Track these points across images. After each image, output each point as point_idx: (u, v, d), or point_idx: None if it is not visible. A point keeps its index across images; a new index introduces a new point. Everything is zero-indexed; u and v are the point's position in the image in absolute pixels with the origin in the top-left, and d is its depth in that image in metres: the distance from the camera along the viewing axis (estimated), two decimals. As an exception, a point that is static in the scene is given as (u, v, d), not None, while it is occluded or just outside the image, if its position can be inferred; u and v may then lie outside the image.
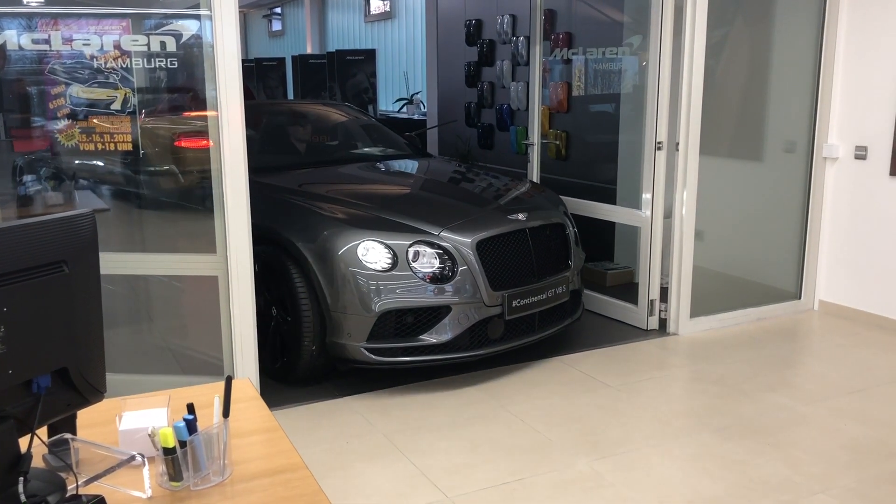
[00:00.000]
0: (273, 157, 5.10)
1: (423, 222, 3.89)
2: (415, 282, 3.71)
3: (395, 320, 3.71)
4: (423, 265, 3.75)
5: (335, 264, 3.70)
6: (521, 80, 7.61)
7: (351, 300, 3.67)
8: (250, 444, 1.70)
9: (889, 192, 4.74)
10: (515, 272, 3.97)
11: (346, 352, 3.74)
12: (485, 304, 3.80)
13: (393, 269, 3.70)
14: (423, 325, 3.75)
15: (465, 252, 3.80)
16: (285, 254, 3.85)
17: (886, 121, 4.70)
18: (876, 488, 2.98)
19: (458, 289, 3.75)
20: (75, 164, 3.57)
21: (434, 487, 3.01)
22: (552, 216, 4.27)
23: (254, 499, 1.48)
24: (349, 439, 3.42)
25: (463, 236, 3.85)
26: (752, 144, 5.06)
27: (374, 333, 3.69)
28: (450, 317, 3.74)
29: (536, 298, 4.00)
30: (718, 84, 4.77)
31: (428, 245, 3.79)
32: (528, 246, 4.05)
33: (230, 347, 3.50)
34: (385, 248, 3.73)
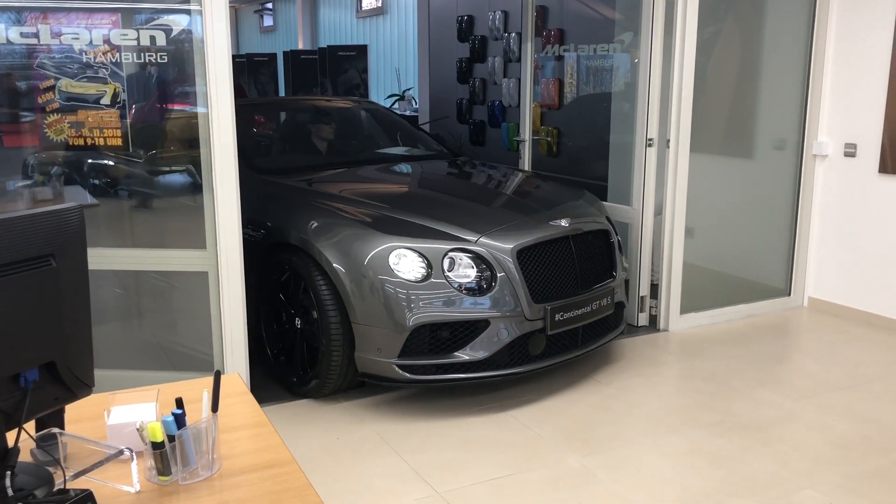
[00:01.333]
0: (295, 157, 4.90)
1: (458, 228, 3.61)
2: (450, 293, 3.42)
3: (430, 335, 3.43)
4: (459, 275, 3.47)
5: (364, 273, 3.44)
6: (512, 77, 7.62)
7: (381, 313, 3.40)
8: (239, 438, 1.69)
9: (878, 190, 4.76)
10: (558, 283, 3.67)
11: (375, 368, 3.48)
12: (526, 318, 3.50)
13: (427, 280, 3.41)
14: (458, 341, 3.47)
15: (505, 261, 3.51)
16: (311, 262, 3.59)
17: (875, 119, 4.72)
18: (862, 484, 3.00)
19: (496, 301, 3.46)
20: (63, 158, 3.55)
21: (425, 483, 3.02)
22: (596, 222, 3.98)
23: (242, 493, 1.48)
24: (339, 435, 3.42)
25: (502, 243, 3.55)
26: (743, 142, 5.08)
27: (407, 349, 3.41)
28: (488, 332, 3.45)
29: (580, 311, 3.69)
30: (709, 81, 4.78)
31: (464, 253, 3.51)
32: (572, 254, 3.75)
33: (220, 343, 3.49)
34: (418, 257, 3.46)
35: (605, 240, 4.00)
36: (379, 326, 3.41)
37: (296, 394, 3.76)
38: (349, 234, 3.54)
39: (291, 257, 3.69)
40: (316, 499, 1.45)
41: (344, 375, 3.59)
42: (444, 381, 3.47)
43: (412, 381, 3.46)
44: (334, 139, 5.16)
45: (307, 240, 3.59)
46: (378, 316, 3.41)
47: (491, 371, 3.50)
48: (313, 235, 3.58)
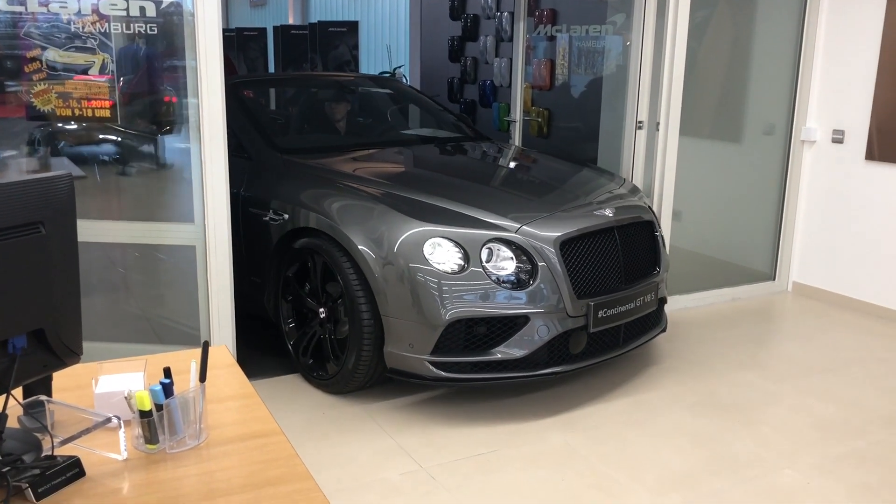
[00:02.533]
0: (318, 136, 4.65)
1: (496, 216, 3.37)
2: (488, 286, 3.19)
3: (465, 331, 3.22)
4: (497, 267, 3.25)
5: (396, 263, 3.22)
6: (504, 57, 7.59)
7: (413, 305, 3.18)
8: (226, 409, 1.71)
9: (864, 176, 4.80)
10: (602, 277, 3.45)
11: (406, 364, 3.26)
12: (568, 315, 3.28)
13: (464, 271, 3.19)
14: (496, 338, 3.25)
15: (547, 252, 3.28)
16: (339, 249, 3.38)
17: (864, 105, 4.75)
18: (839, 465, 3.05)
19: (537, 296, 3.23)
20: (50, 129, 3.52)
21: (409, 458, 3.04)
22: (640, 212, 3.76)
23: (229, 462, 1.49)
24: (326, 410, 3.43)
25: (544, 234, 3.32)
26: (732, 126, 5.10)
27: (441, 345, 3.19)
28: (527, 328, 3.23)
29: (624, 308, 3.47)
30: (700, 65, 4.79)
31: (504, 243, 3.28)
32: (617, 246, 3.52)
33: (207, 318, 3.50)
34: (455, 246, 3.23)
35: (650, 232, 3.80)
36: (411, 320, 3.20)
37: (319, 388, 3.61)
38: (380, 219, 3.32)
39: (318, 244, 3.49)
40: (302, 468, 1.46)
41: (373, 371, 3.40)
42: (481, 381, 3.26)
43: (446, 380, 3.25)
44: (358, 118, 4.96)
45: (335, 225, 3.38)
46: (410, 309, 3.20)
47: (529, 371, 3.29)
48: (342, 221, 3.38)
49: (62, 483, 1.37)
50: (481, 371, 3.26)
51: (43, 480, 1.34)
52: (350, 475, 2.92)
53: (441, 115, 5.13)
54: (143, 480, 1.43)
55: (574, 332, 3.34)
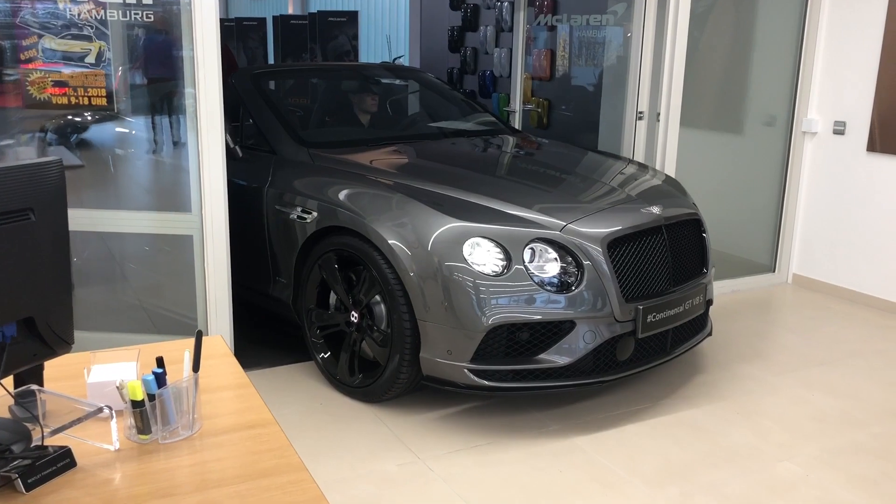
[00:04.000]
0: (345, 130, 4.43)
1: (539, 214, 3.18)
2: (532, 289, 3.00)
3: (507, 337, 3.03)
4: (541, 268, 3.06)
5: (432, 264, 3.03)
6: (504, 47, 7.55)
7: (452, 310, 3.00)
8: (221, 399, 1.69)
9: (865, 168, 4.78)
10: (650, 279, 3.25)
11: (444, 372, 3.08)
12: (615, 320, 3.09)
13: (505, 273, 3.00)
14: (539, 344, 3.06)
15: (594, 253, 3.09)
16: (375, 250, 3.18)
17: (866, 96, 4.72)
18: (838, 457, 3.04)
19: (583, 299, 3.04)
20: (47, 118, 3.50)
21: (406, 449, 3.03)
22: (687, 210, 3.57)
23: (222, 452, 1.48)
24: (323, 401, 3.42)
25: (591, 233, 3.13)
26: (733, 117, 5.07)
27: (481, 352, 3.01)
28: (572, 334, 3.04)
29: (673, 312, 3.28)
30: (701, 56, 4.76)
31: (547, 243, 3.08)
32: (665, 246, 3.33)
33: (204, 307, 3.48)
34: (496, 247, 3.04)
35: (697, 230, 3.60)
36: (449, 325, 3.01)
37: (348, 394, 3.43)
38: (416, 218, 3.14)
39: (349, 243, 3.30)
40: (296, 459, 1.45)
41: (412, 378, 3.20)
42: (523, 390, 3.09)
43: (487, 389, 3.06)
44: (385, 111, 4.74)
45: (367, 224, 3.19)
46: (448, 313, 3.01)
47: (574, 379, 3.10)
48: (375, 219, 3.19)
49: (52, 473, 1.36)
50: (523, 380, 3.06)
51: (33, 471, 1.33)
52: (347, 466, 2.91)
53: (468, 107, 4.90)
54: (136, 471, 1.41)
55: (621, 338, 3.16)
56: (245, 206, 3.82)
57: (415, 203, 3.19)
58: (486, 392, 3.11)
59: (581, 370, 3.10)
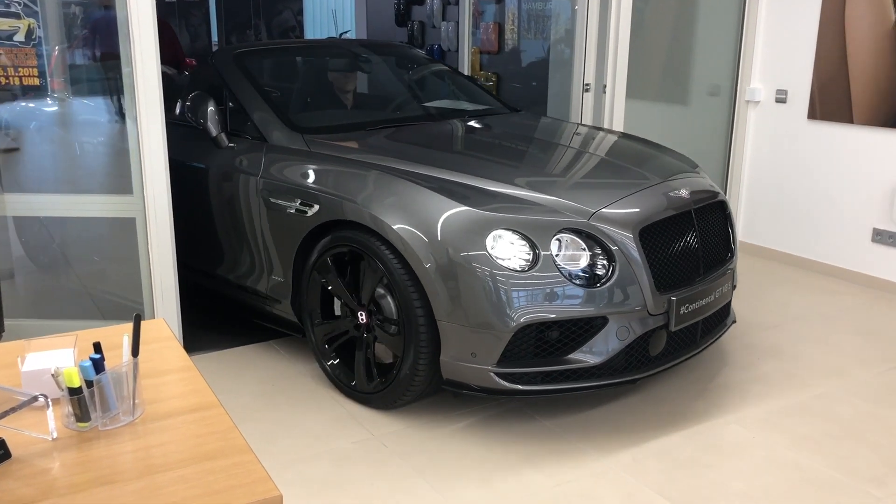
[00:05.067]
0: (335, 113, 4.09)
1: (564, 202, 2.95)
2: (562, 284, 2.77)
3: (535, 337, 2.82)
4: (570, 261, 2.83)
5: (452, 261, 2.78)
6: (452, 20, 7.50)
7: (476, 309, 2.76)
8: (163, 383, 1.66)
9: (807, 135, 4.87)
10: (681, 267, 3.06)
11: (467, 375, 2.86)
12: (648, 313, 2.90)
13: (533, 267, 2.77)
14: (570, 343, 2.86)
15: (625, 243, 2.87)
16: (386, 245, 2.94)
17: (806, 65, 4.80)
18: (784, 418, 3.12)
19: (616, 293, 2.83)
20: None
21: (360, 426, 3.03)
22: (712, 191, 3.38)
23: (166, 437, 1.45)
24: (276, 382, 3.39)
25: (621, 221, 2.92)
26: (678, 88, 5.12)
27: (508, 354, 2.80)
28: (605, 331, 2.84)
29: (705, 301, 3.11)
30: (646, 28, 4.78)
31: (575, 233, 2.85)
32: (695, 231, 3.16)
33: (150, 291, 3.41)
34: (521, 238, 2.80)
35: (723, 212, 3.42)
36: (472, 325, 2.78)
37: (358, 400, 3.20)
38: (432, 209, 2.88)
39: (356, 238, 3.03)
40: (241, 441, 1.43)
41: (428, 382, 2.98)
42: (554, 393, 2.88)
43: (516, 393, 2.85)
44: (376, 91, 4.51)
45: (378, 217, 2.93)
46: (472, 313, 2.77)
47: (606, 378, 2.90)
48: (386, 211, 2.93)
49: (-13, 465, 1.32)
50: (554, 381, 2.86)
51: (-34, 463, 1.29)
52: (302, 445, 2.90)
53: (462, 84, 4.56)
54: (75, 459, 1.38)
55: (654, 332, 2.97)
56: (232, 199, 3.56)
57: (430, 194, 2.94)
58: (516, 396, 2.90)
59: (613, 368, 2.90)
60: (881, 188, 4.55)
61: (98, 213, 3.45)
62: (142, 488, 1.30)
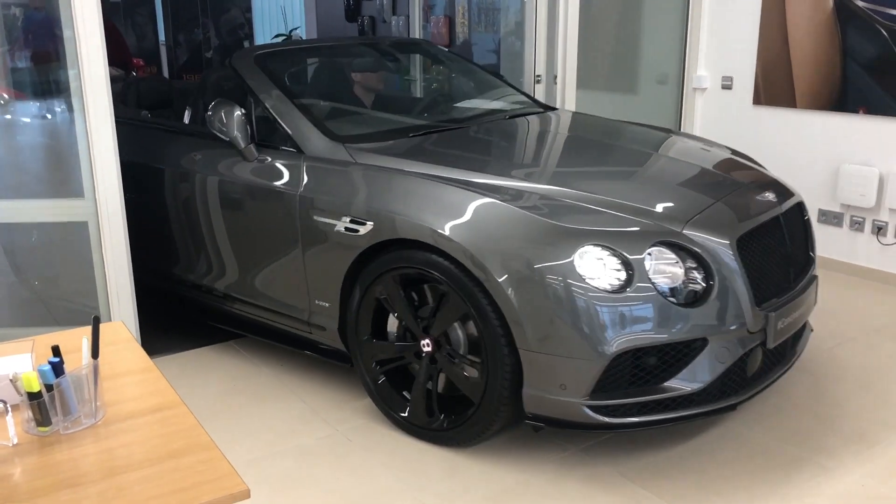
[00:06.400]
0: (373, 119, 3.73)
1: (651, 212, 2.67)
2: (659, 304, 2.49)
3: (632, 364, 2.55)
4: (664, 278, 2.54)
5: (538, 282, 2.50)
6: (402, 15, 7.50)
7: (566, 335, 2.48)
8: (125, 384, 1.66)
9: (752, 120, 4.99)
10: (774, 278, 2.81)
11: (555, 409, 2.58)
12: (748, 331, 2.62)
13: (627, 287, 2.48)
14: (668, 369, 2.57)
15: (723, 254, 2.59)
16: (457, 266, 2.63)
17: (749, 52, 4.92)
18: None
19: (715, 311, 2.56)
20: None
21: (324, 423, 3.04)
22: (791, 191, 3.12)
23: (129, 438, 1.45)
24: (238, 381, 3.38)
25: (716, 230, 2.64)
26: (627, 77, 5.20)
27: (602, 384, 2.52)
28: (705, 353, 2.56)
29: (798, 313, 2.87)
30: (594, 19, 4.85)
31: (668, 246, 2.57)
32: (783, 238, 2.91)
33: (105, 295, 3.37)
34: (611, 255, 2.51)
35: (801, 213, 3.14)
36: (562, 354, 2.50)
37: (422, 438, 2.90)
38: (511, 225, 2.60)
39: (422, 260, 2.72)
40: (205, 438, 1.44)
41: (510, 418, 2.70)
42: (652, 425, 2.61)
43: (610, 427, 2.58)
44: (407, 92, 4.11)
45: (450, 238, 2.61)
46: (562, 340, 2.49)
47: (706, 405, 2.62)
48: (459, 232, 2.62)
49: (-53, 473, 1.31)
50: (651, 412, 2.58)
51: (-75, 472, 1.27)
52: (266, 443, 2.90)
53: (491, 82, 4.20)
54: (37, 464, 1.38)
55: (751, 351, 2.71)
56: (263, 218, 3.21)
57: (503, 207, 2.65)
58: (610, 430, 2.63)
59: (711, 394, 2.63)
60: (824, 170, 4.68)
61: (48, 217, 3.40)
62: (106, 489, 1.31)
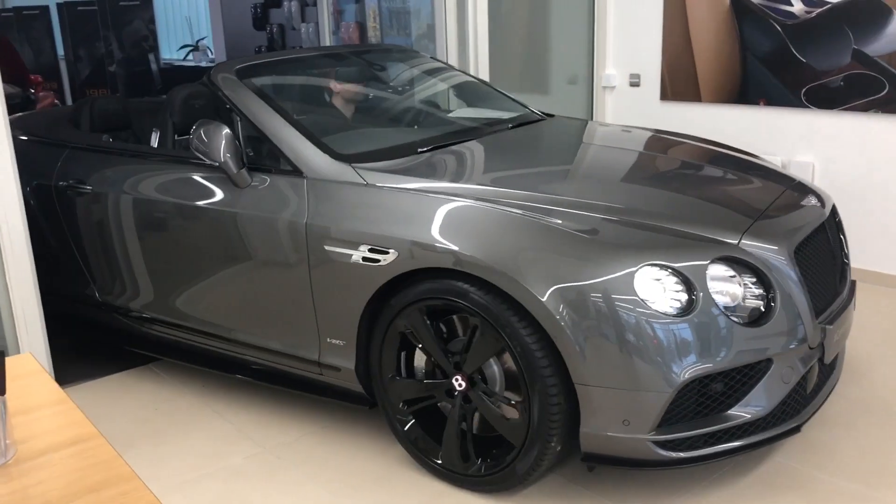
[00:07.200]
0: (374, 134, 3.47)
1: (703, 226, 2.48)
2: (724, 325, 2.31)
3: (698, 392, 2.34)
4: (724, 296, 2.35)
5: (595, 309, 2.27)
6: (311, 22, 7.43)
7: (629, 366, 2.27)
8: (36, 419, 1.57)
9: (660, 115, 5.14)
10: (826, 288, 2.65)
11: (616, 447, 2.36)
12: (808, 346, 2.45)
13: (691, 309, 2.28)
14: (733, 395, 2.38)
15: (781, 266, 2.43)
16: (495, 294, 2.39)
17: (655, 50, 5.07)
18: None
19: (778, 328, 2.37)
20: None
21: (251, 441, 2.97)
22: (823, 195, 2.97)
23: (44, 475, 1.38)
24: (159, 405, 3.28)
25: (773, 241, 2.47)
26: (538, 78, 5.28)
27: (668, 416, 2.32)
28: (770, 374, 2.38)
29: (848, 322, 2.72)
30: (504, 21, 4.91)
31: (726, 262, 2.38)
32: (829, 244, 2.76)
33: (12, 326, 3.21)
34: (671, 275, 2.31)
35: (833, 217, 2.96)
36: (626, 387, 2.28)
37: (448, 480, 2.66)
38: (559, 247, 2.38)
39: (457, 291, 2.45)
40: (125, 469, 1.38)
41: (557, 458, 2.49)
42: (720, 456, 2.40)
43: (678, 463, 2.37)
44: (396, 104, 3.85)
45: (489, 264, 2.36)
46: (624, 372, 2.27)
47: (771, 430, 2.44)
48: (498, 255, 2.37)
49: None
50: (716, 442, 2.38)
51: None
52: (191, 467, 2.82)
53: (482, 90, 3.99)
54: (-57, 511, 1.29)
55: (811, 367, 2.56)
56: (261, 249, 2.90)
57: (550, 228, 2.42)
58: (678, 466, 2.41)
59: (775, 416, 2.45)
60: (730, 161, 4.85)
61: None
62: (21, 532, 1.24)
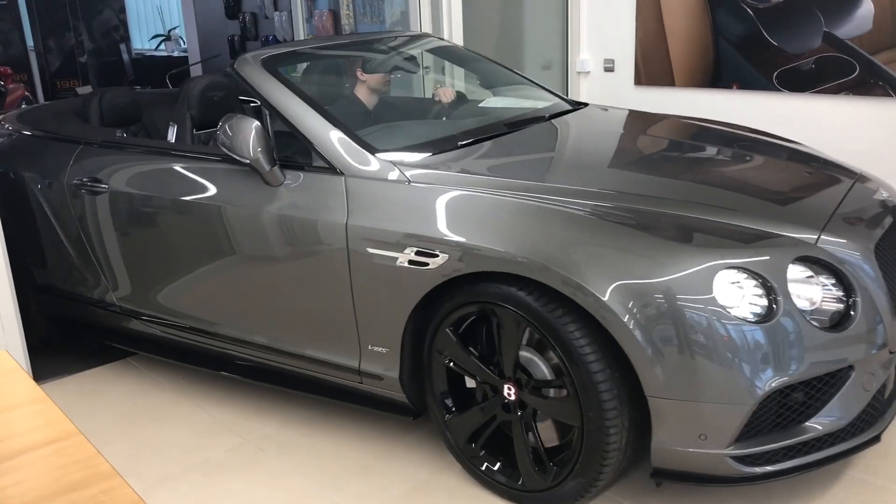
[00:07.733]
0: (409, 129, 3.27)
1: (778, 223, 2.30)
2: (806, 331, 2.14)
3: (778, 403, 2.18)
4: (803, 300, 2.19)
5: (669, 315, 2.11)
6: (284, 10, 7.37)
7: (706, 377, 2.10)
8: (14, 418, 1.57)
9: (635, 100, 5.17)
10: None
11: (691, 463, 2.21)
12: (889, 350, 2.28)
13: (772, 314, 2.12)
14: (813, 405, 2.22)
15: (861, 265, 2.27)
16: (556, 300, 2.23)
17: (628, 36, 5.09)
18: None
19: (861, 332, 2.20)
20: None
21: (233, 434, 2.97)
22: (886, 184, 2.84)
23: (22, 475, 1.38)
24: (137, 400, 3.27)
25: (850, 238, 2.31)
26: (513, 64, 5.27)
27: (747, 430, 2.16)
28: (852, 382, 2.22)
29: None
30: (477, 9, 4.90)
31: (805, 262, 2.21)
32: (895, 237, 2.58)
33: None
34: (750, 278, 2.15)
35: None
36: (704, 399, 2.12)
37: (510, 498, 2.51)
38: (627, 248, 2.21)
39: (512, 298, 2.30)
40: (106, 466, 1.38)
41: (619, 471, 2.37)
42: (800, 471, 2.24)
43: (757, 479, 2.21)
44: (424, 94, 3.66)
45: (547, 265, 2.20)
46: (701, 383, 2.11)
47: (851, 440, 2.27)
48: (563, 257, 2.20)
49: None
50: (796, 455, 2.22)
51: None
52: (173, 461, 2.81)
53: (505, 75, 3.84)
54: (-79, 514, 1.29)
55: None
56: (296, 252, 2.73)
57: (616, 227, 2.26)
58: (757, 482, 2.25)
59: (855, 425, 2.28)
60: (705, 145, 4.89)
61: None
62: (1, 533, 1.24)
